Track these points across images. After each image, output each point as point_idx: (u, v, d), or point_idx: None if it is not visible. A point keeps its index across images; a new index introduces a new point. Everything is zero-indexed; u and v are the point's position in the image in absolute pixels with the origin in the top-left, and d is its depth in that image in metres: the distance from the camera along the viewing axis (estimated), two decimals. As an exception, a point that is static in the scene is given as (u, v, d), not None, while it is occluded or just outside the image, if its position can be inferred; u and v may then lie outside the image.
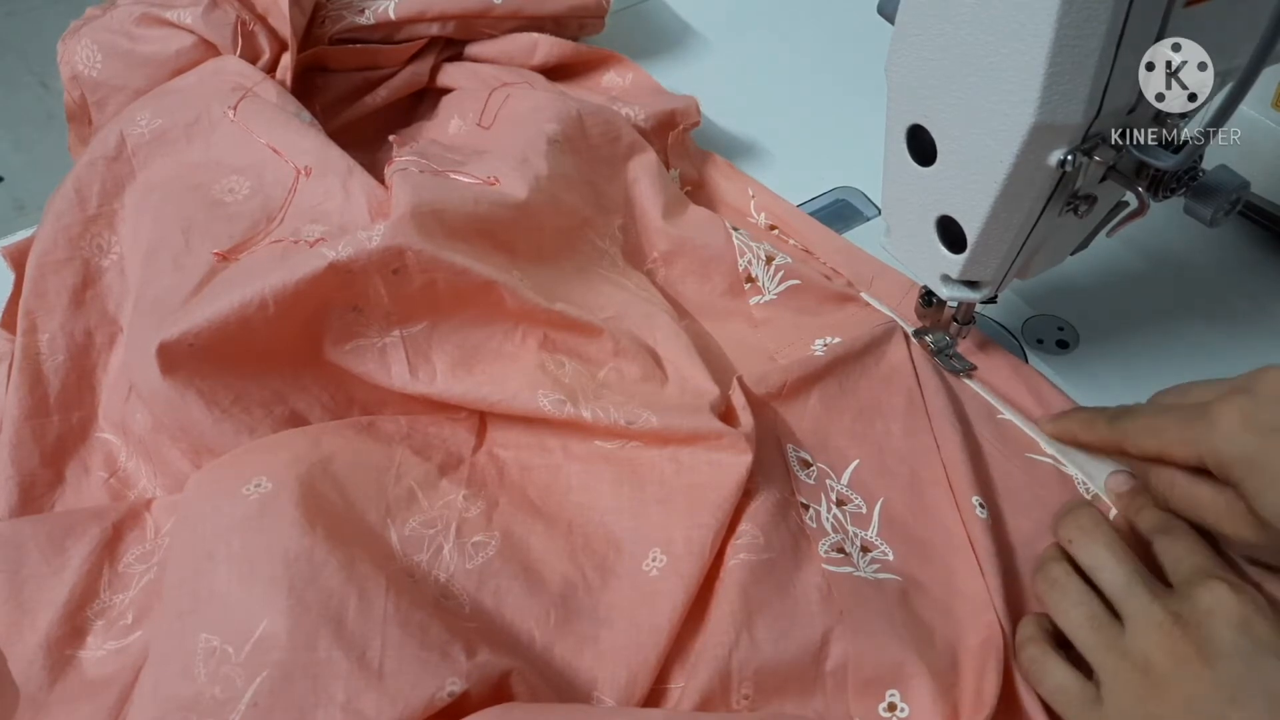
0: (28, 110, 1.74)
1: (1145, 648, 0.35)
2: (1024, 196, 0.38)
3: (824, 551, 0.40)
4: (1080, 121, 0.34)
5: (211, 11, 0.56)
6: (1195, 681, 0.33)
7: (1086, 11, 0.32)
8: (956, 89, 0.37)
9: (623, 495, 0.42)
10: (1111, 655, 0.35)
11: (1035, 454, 0.45)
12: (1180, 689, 0.33)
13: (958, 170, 0.39)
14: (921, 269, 0.46)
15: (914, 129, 0.41)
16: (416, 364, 0.45)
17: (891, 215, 0.46)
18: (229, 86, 0.53)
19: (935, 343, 0.49)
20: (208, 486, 0.39)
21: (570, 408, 0.43)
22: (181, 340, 0.41)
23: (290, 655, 0.33)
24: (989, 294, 0.44)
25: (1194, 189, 0.38)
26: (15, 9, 1.92)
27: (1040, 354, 0.50)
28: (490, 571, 0.39)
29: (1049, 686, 0.37)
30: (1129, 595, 0.36)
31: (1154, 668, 0.34)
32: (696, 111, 0.60)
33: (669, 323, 0.48)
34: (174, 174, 0.50)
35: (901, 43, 0.39)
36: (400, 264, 0.43)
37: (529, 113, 0.54)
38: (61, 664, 0.37)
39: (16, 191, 1.63)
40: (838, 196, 0.59)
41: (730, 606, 0.37)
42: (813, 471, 0.44)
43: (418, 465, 0.42)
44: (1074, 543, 0.39)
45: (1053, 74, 0.33)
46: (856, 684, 0.37)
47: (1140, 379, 0.48)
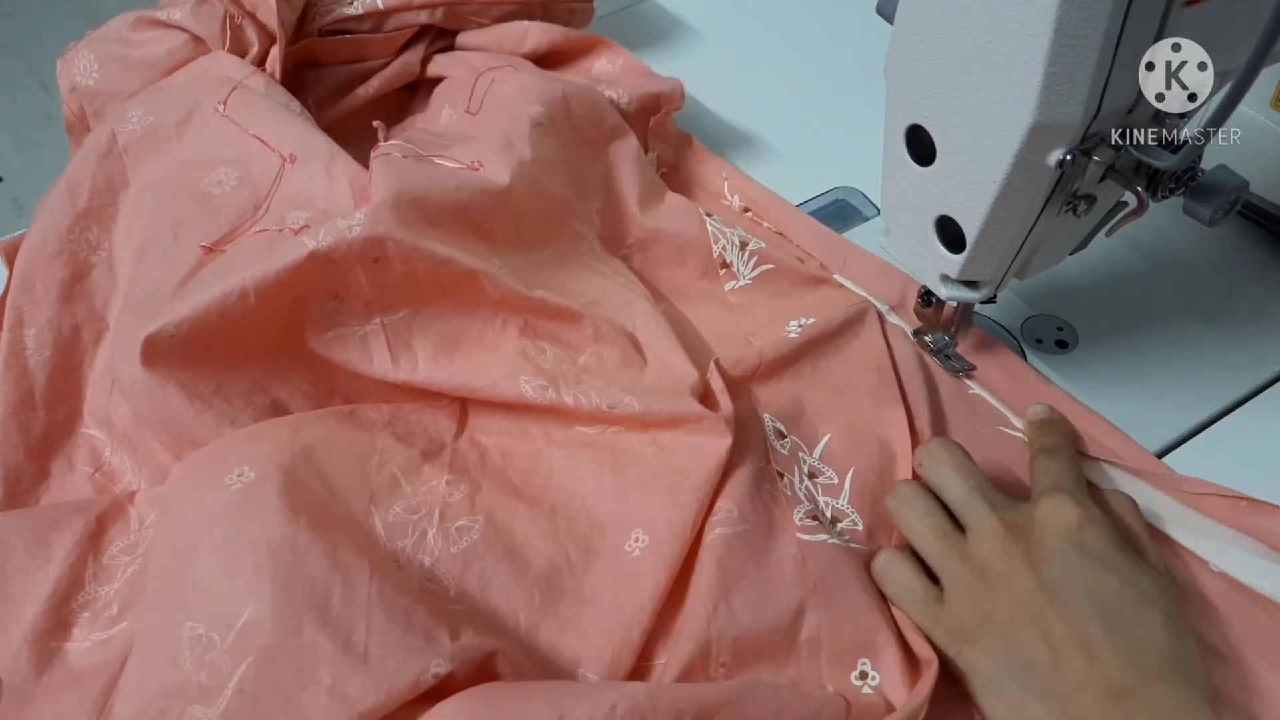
0: (27, 110, 1.73)
1: (982, 553, 0.37)
2: (1023, 196, 0.37)
3: (799, 519, 0.40)
4: (1079, 121, 0.34)
5: (200, 7, 0.56)
6: (1022, 582, 0.35)
7: (1086, 11, 0.31)
8: (956, 89, 0.36)
9: (604, 479, 0.42)
10: (953, 560, 0.37)
11: (1006, 428, 0.46)
12: (1009, 588, 0.35)
13: (957, 170, 0.38)
14: (921, 269, 0.45)
15: (913, 129, 0.40)
16: (398, 352, 0.44)
17: (891, 215, 0.45)
18: (219, 81, 0.53)
19: (934, 343, 0.48)
20: (190, 477, 0.39)
21: (552, 393, 0.43)
22: (162, 332, 0.40)
23: (275, 641, 0.32)
24: (988, 294, 0.43)
25: (1193, 189, 0.37)
26: (15, 9, 1.92)
27: (1039, 354, 0.49)
28: (475, 555, 0.39)
29: (895, 586, 0.38)
30: (969, 508, 0.38)
31: (989, 570, 0.36)
32: (681, 95, 0.59)
33: (647, 308, 0.48)
34: (167, 173, 0.50)
35: (901, 42, 0.38)
36: (381, 253, 0.43)
37: (514, 94, 0.54)
38: (47, 656, 0.36)
39: (16, 191, 1.63)
40: (837, 196, 0.58)
41: (708, 580, 0.37)
42: (787, 442, 0.44)
43: (400, 452, 0.42)
44: (923, 465, 0.41)
45: (1052, 74, 0.32)
46: (830, 654, 0.37)
47: (1139, 378, 0.48)
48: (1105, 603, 0.34)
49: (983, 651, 0.35)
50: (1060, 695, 0.33)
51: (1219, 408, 0.46)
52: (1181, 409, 0.46)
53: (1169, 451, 0.45)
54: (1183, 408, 0.46)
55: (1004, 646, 0.35)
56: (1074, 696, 0.33)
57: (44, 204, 0.50)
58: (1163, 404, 0.46)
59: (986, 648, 0.35)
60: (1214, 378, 0.47)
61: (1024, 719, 0.34)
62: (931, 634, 0.37)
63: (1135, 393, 0.47)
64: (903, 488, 0.40)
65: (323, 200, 0.47)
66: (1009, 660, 0.35)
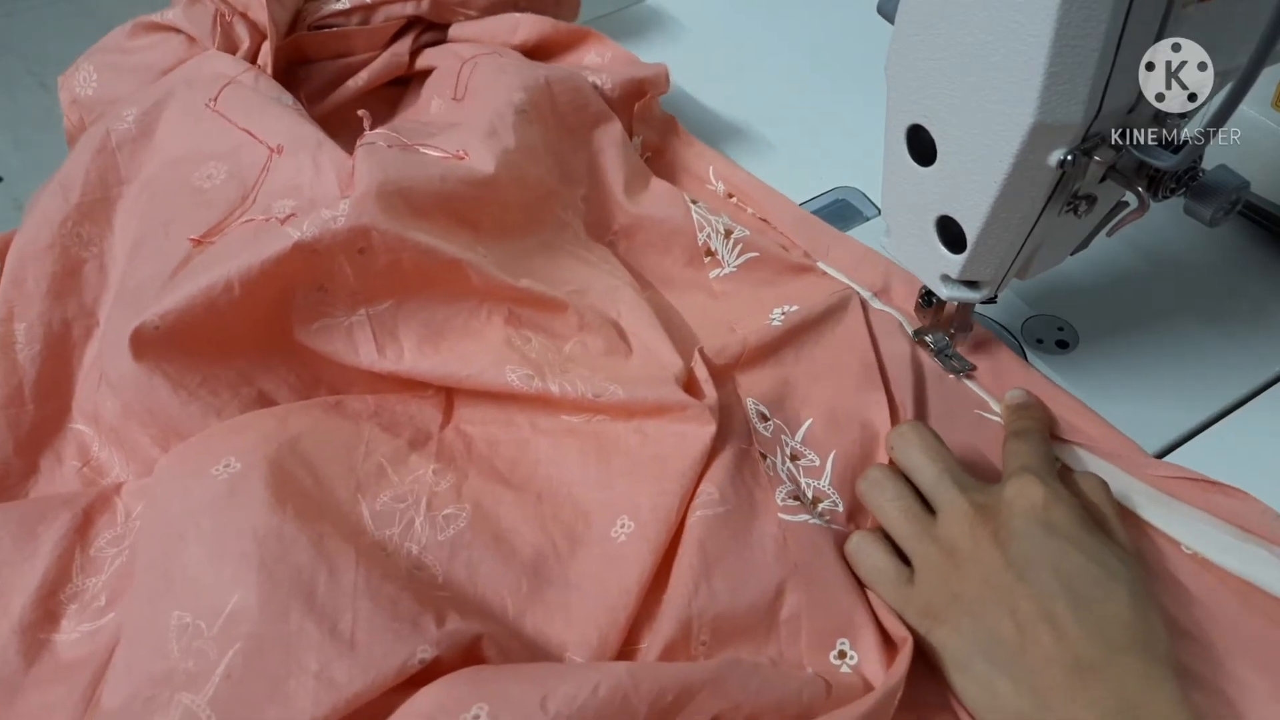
0: (27, 110, 1.73)
1: (951, 534, 0.37)
2: (1024, 196, 0.37)
3: (781, 500, 0.40)
4: (1080, 121, 0.34)
5: (191, 6, 0.56)
6: (990, 561, 0.36)
7: (1086, 11, 0.31)
8: (956, 89, 0.36)
9: (590, 468, 0.42)
10: (923, 542, 0.38)
11: (984, 412, 0.46)
12: (977, 567, 0.36)
13: (957, 170, 0.38)
14: (921, 269, 0.45)
15: (914, 129, 0.39)
16: (384, 342, 0.44)
17: (891, 215, 0.45)
18: (211, 78, 0.53)
19: (935, 343, 0.48)
20: (177, 469, 0.39)
21: (538, 382, 0.43)
22: (148, 324, 0.40)
23: (262, 628, 0.33)
24: (989, 294, 0.43)
25: (1194, 189, 0.37)
26: (15, 9, 1.91)
27: (1040, 354, 0.49)
28: (462, 543, 0.39)
29: (866, 567, 0.39)
30: (939, 490, 0.39)
31: (958, 551, 0.37)
32: (666, 80, 0.59)
33: (632, 296, 0.48)
34: (160, 172, 0.50)
35: (901, 42, 0.38)
36: (366, 243, 0.43)
37: (498, 80, 0.54)
38: (36, 648, 0.36)
39: (16, 191, 1.62)
40: (838, 196, 0.58)
41: (689, 560, 0.38)
42: (770, 425, 0.44)
43: (386, 442, 0.42)
44: (894, 449, 0.41)
45: (1052, 74, 0.32)
46: (810, 633, 0.37)
47: (1140, 378, 0.48)
48: (1071, 580, 0.34)
49: (952, 630, 0.36)
50: (1027, 671, 0.33)
51: (1219, 408, 0.46)
52: (1181, 409, 0.46)
53: (1169, 451, 0.44)
54: (1183, 408, 0.46)
55: (972, 625, 0.35)
56: (1040, 671, 0.33)
57: (37, 199, 0.50)
58: (1163, 404, 0.46)
59: (955, 626, 0.36)
60: (1214, 378, 0.47)
61: (993, 696, 0.34)
62: (903, 614, 0.37)
63: (1135, 393, 0.47)
64: (873, 471, 0.41)
65: (309, 188, 0.47)
66: (977, 638, 0.35)
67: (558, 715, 0.30)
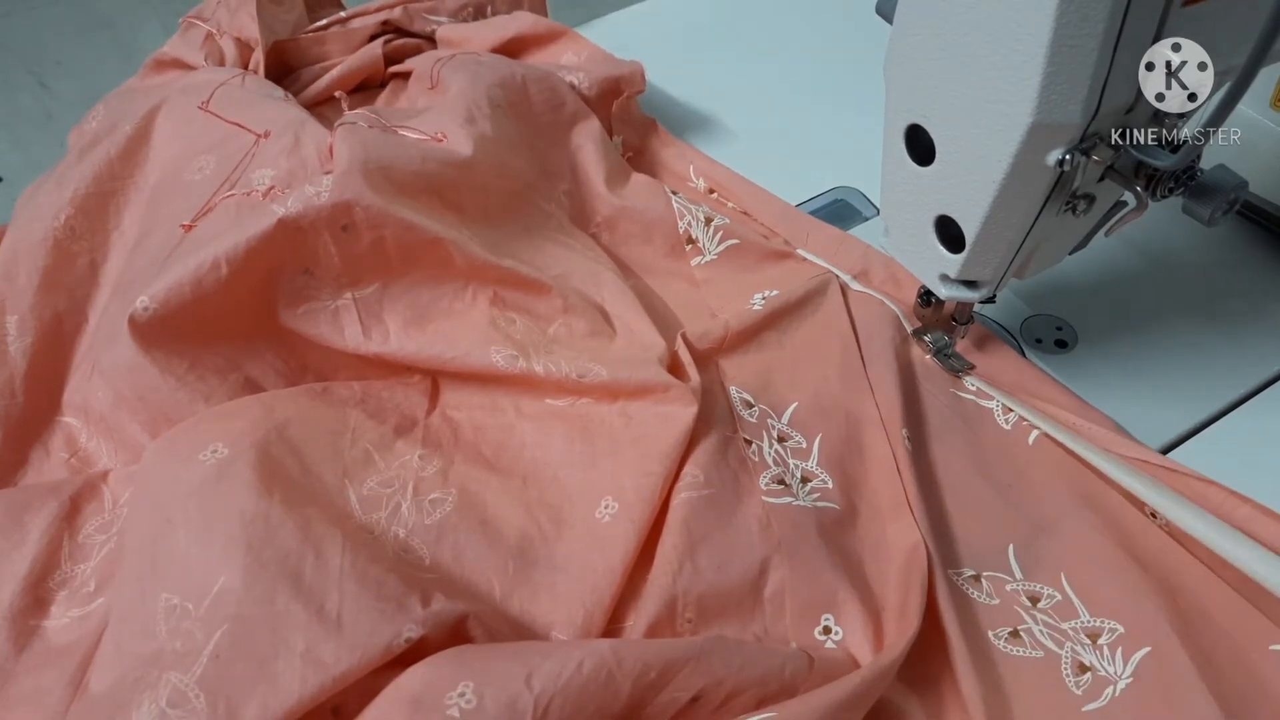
0: (26, 110, 1.73)
1: None
2: (1022, 196, 0.37)
3: (764, 484, 0.40)
4: (1078, 121, 0.33)
5: (185, 33, 0.60)
6: None
7: (1084, 11, 0.30)
8: (955, 89, 0.35)
9: (574, 450, 0.42)
10: None
11: (959, 390, 0.47)
12: None
13: (956, 170, 0.38)
14: (920, 269, 0.44)
15: (912, 129, 0.39)
16: (369, 325, 0.44)
17: (890, 215, 0.45)
18: (203, 84, 0.53)
19: (934, 342, 0.48)
20: (164, 454, 0.39)
21: (522, 363, 0.43)
22: (140, 308, 0.40)
23: (249, 608, 0.33)
24: (988, 294, 0.43)
25: (1192, 188, 0.37)
26: (14, 9, 1.91)
27: (1039, 353, 0.48)
28: (448, 526, 0.39)
29: None
30: None
31: None
32: (641, 78, 0.59)
33: (615, 280, 0.48)
34: (159, 180, 0.50)
35: (900, 43, 0.37)
36: (349, 220, 0.43)
37: (474, 72, 0.54)
38: (26, 634, 0.36)
39: (15, 191, 1.63)
40: (836, 196, 0.58)
41: (674, 541, 0.38)
42: (754, 411, 0.44)
43: (373, 428, 0.42)
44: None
45: (1051, 74, 0.32)
46: (794, 609, 0.37)
47: (1139, 378, 0.47)
48: None
49: None
50: None
51: (1219, 407, 0.46)
52: (1181, 409, 0.45)
53: (1169, 451, 0.44)
54: (1183, 408, 0.45)
55: None
56: None
57: (31, 193, 0.50)
58: (1163, 404, 0.46)
59: None
60: (1214, 378, 0.47)
61: None
62: None
63: (1134, 392, 0.46)
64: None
65: (286, 160, 0.47)
66: None
67: (542, 692, 0.31)
